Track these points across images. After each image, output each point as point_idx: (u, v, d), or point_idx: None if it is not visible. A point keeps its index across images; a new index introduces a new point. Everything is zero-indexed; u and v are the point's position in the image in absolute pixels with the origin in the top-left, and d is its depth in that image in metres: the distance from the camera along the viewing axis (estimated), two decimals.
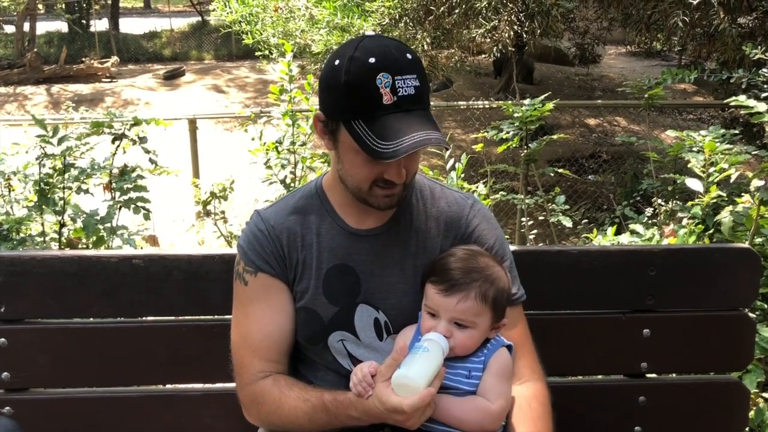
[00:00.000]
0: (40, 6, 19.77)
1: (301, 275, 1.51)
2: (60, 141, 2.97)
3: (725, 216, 2.77)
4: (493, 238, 1.54)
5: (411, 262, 1.50)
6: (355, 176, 1.42)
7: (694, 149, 3.18)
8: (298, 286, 1.51)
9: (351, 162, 1.41)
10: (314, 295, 1.50)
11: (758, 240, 2.73)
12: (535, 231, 4.39)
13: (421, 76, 1.36)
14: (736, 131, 3.30)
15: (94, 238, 2.94)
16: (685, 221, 3.13)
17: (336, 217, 1.52)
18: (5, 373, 1.73)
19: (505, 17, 6.89)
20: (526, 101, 3.59)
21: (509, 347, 1.45)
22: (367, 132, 1.33)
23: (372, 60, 1.33)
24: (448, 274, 1.41)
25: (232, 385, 1.57)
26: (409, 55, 1.37)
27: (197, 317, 1.80)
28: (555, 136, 4.01)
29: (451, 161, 3.50)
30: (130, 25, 22.00)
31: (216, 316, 1.78)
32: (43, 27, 19.75)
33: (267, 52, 7.37)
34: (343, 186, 1.49)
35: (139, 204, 3.13)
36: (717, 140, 3.08)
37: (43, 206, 2.98)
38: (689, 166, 3.21)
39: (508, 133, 3.64)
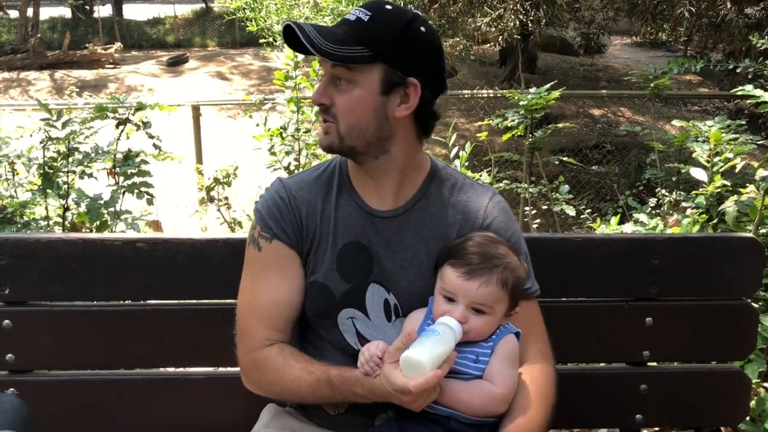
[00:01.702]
0: None
1: (317, 249, 1.50)
2: (64, 125, 2.97)
3: (730, 206, 2.76)
4: (510, 232, 1.54)
5: (424, 247, 1.50)
6: None
7: (699, 139, 3.18)
8: (312, 259, 1.51)
9: None
10: (328, 270, 1.49)
11: (762, 230, 2.72)
12: (538, 220, 4.39)
13: (378, 16, 1.41)
14: (742, 122, 3.28)
15: (98, 222, 2.94)
16: (689, 211, 3.12)
17: (354, 194, 1.52)
18: (9, 355, 1.73)
19: (511, 6, 6.87)
20: (532, 90, 3.58)
21: (517, 334, 1.45)
22: None
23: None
24: (469, 259, 1.40)
25: (236, 369, 1.57)
26: (388, 6, 1.44)
27: (201, 301, 1.81)
28: (560, 125, 4.01)
29: (455, 150, 3.49)
30: (133, 11, 21.94)
31: (219, 300, 1.78)
32: (46, 12, 19.69)
33: (271, 40, 7.36)
34: None
35: (143, 189, 3.13)
36: (722, 130, 3.07)
37: (47, 190, 2.98)
38: (694, 155, 3.20)
39: (512, 121, 3.64)
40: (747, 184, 2.99)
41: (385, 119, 1.43)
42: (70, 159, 3.02)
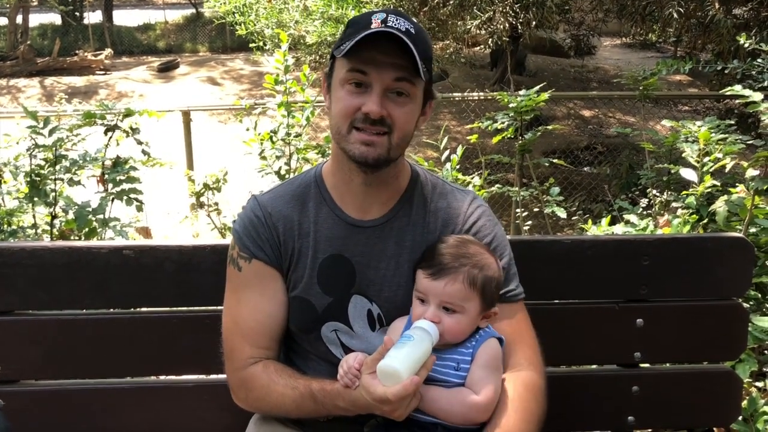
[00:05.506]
0: None
1: (297, 264, 1.50)
2: (51, 132, 2.94)
3: (720, 206, 2.77)
4: (492, 235, 1.53)
5: (407, 256, 1.50)
6: (337, 115, 1.42)
7: (689, 139, 3.18)
8: (293, 275, 1.50)
9: (336, 99, 1.43)
10: (308, 284, 1.49)
11: (752, 230, 2.72)
12: (530, 222, 4.39)
13: (419, 33, 1.39)
14: (731, 122, 3.29)
15: (86, 230, 2.92)
16: (679, 211, 3.12)
17: (334, 206, 1.51)
18: None
19: (500, 8, 6.88)
20: (522, 92, 3.58)
21: (500, 339, 1.44)
22: (345, 43, 1.38)
23: (375, 9, 1.42)
24: (437, 259, 1.41)
25: (224, 376, 1.56)
26: (413, 20, 1.42)
27: (188, 308, 1.79)
28: (550, 126, 4.01)
29: (446, 153, 3.48)
30: (124, 18, 21.88)
31: (207, 308, 1.77)
32: (36, 19, 19.62)
33: (261, 44, 7.35)
34: (340, 167, 1.49)
35: (132, 196, 3.10)
36: (712, 130, 3.07)
37: (35, 198, 2.95)
38: (684, 155, 3.20)
39: (503, 123, 3.64)
40: (737, 184, 2.99)
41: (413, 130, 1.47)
42: (58, 166, 3.00)
